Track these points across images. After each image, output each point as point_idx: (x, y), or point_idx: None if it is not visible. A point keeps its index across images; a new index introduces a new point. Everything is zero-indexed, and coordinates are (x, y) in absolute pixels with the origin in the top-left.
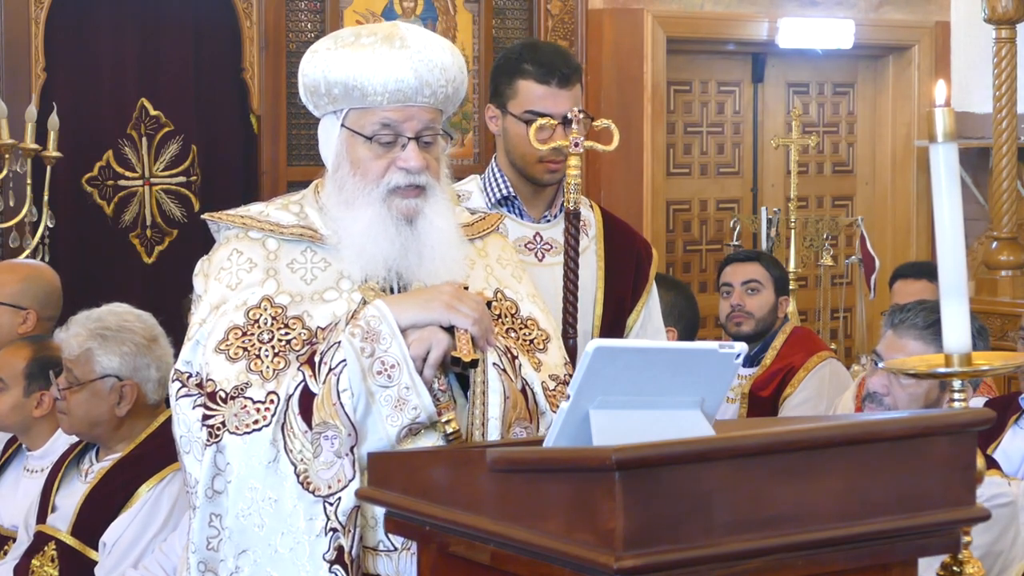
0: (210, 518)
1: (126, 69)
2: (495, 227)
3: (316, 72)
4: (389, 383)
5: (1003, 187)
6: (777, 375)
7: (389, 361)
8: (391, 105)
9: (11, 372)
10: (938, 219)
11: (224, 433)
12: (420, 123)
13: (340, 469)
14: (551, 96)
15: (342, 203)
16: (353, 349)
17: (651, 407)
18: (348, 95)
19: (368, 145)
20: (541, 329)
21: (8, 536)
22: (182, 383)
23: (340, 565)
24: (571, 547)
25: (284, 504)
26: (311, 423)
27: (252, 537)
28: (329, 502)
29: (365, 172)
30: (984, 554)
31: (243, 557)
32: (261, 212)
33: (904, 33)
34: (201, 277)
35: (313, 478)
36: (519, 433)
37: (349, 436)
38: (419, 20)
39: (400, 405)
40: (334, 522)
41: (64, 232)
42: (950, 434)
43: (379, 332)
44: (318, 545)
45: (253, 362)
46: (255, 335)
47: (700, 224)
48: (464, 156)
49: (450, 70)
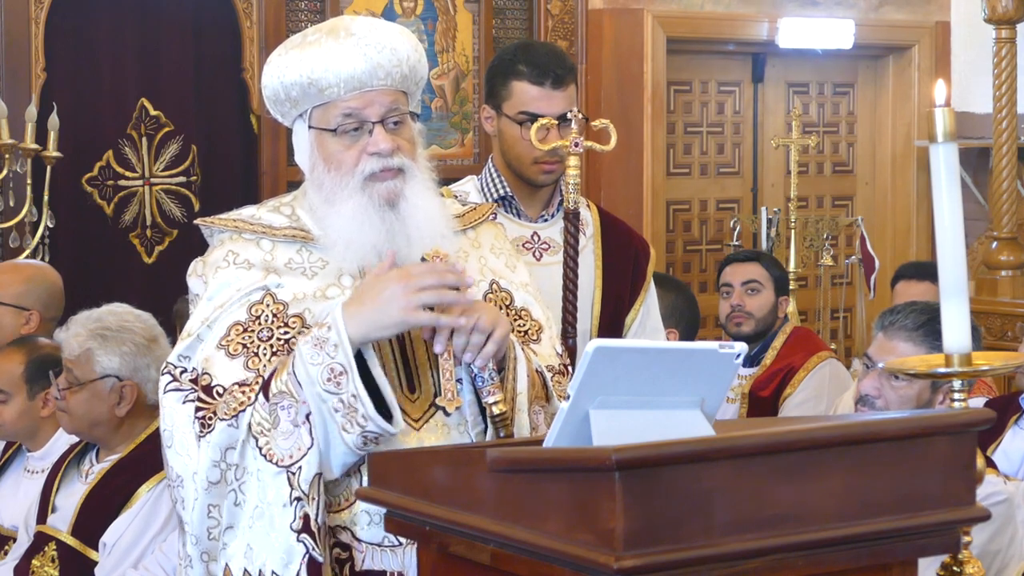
0: (208, 509)
1: (126, 69)
2: (487, 216)
3: (272, 80)
4: (338, 390)
5: (1003, 187)
6: (777, 375)
7: (337, 369)
8: (349, 94)
9: (10, 380)
10: (938, 219)
11: (215, 422)
12: (382, 106)
13: (298, 438)
14: (545, 97)
15: (324, 201)
16: (302, 359)
17: (651, 407)
18: (306, 94)
19: (336, 138)
20: (534, 320)
21: (8, 536)
22: (173, 377)
23: (307, 533)
24: (571, 547)
25: (252, 478)
26: (268, 396)
27: (235, 514)
28: (292, 471)
29: (338, 165)
30: (980, 553)
31: (228, 533)
32: (253, 215)
33: (904, 33)
34: (195, 277)
35: (274, 448)
36: (538, 412)
37: (304, 404)
38: (419, 20)
39: (350, 414)
40: (298, 491)
41: (64, 232)
42: (950, 434)
43: (327, 339)
44: (285, 515)
45: (251, 359)
46: (255, 332)
47: (700, 224)
48: (464, 156)
49: (400, 49)
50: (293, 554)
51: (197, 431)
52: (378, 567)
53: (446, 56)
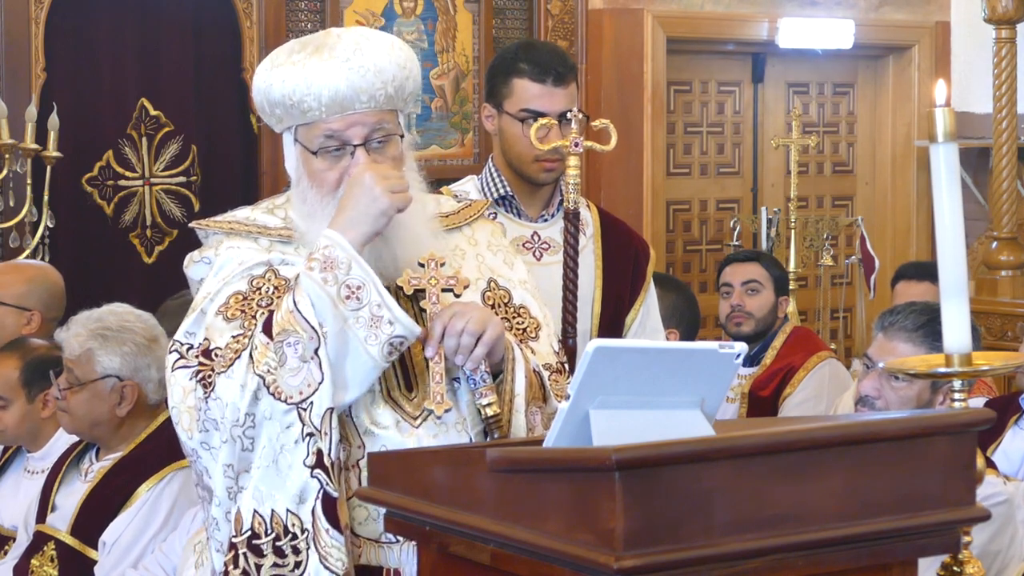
0: (225, 469)
1: (126, 69)
2: (482, 213)
3: (258, 95)
4: (359, 304)
5: (1003, 187)
6: (777, 375)
7: (354, 284)
8: (332, 116)
9: (7, 385)
10: (938, 219)
11: (214, 377)
12: (366, 128)
13: (308, 373)
14: (547, 95)
15: (306, 215)
16: (314, 282)
17: (651, 407)
18: (289, 113)
19: (318, 158)
20: (532, 317)
21: (8, 536)
22: (180, 355)
23: (320, 468)
24: (571, 547)
25: (261, 420)
26: (272, 336)
27: (246, 459)
28: (303, 408)
29: (321, 184)
30: (980, 554)
31: (243, 477)
32: (247, 217)
33: (904, 33)
34: (194, 264)
35: (283, 386)
36: (536, 412)
37: (311, 339)
38: (419, 20)
39: (375, 323)
40: (309, 427)
41: (64, 232)
42: (950, 434)
43: (336, 259)
44: (298, 452)
45: (248, 322)
46: (255, 300)
47: (700, 224)
48: (464, 156)
49: (386, 70)
50: (308, 490)
51: (202, 395)
52: (375, 563)
53: (446, 56)
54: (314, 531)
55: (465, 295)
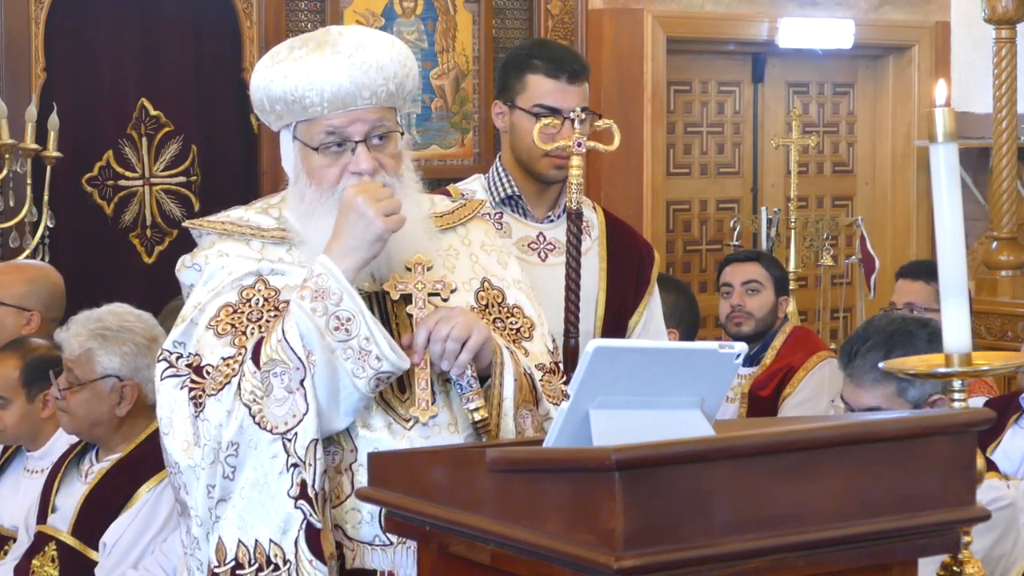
0: (208, 489)
1: (126, 69)
2: (477, 212)
3: (258, 91)
4: (348, 336)
5: (1003, 187)
6: (777, 375)
7: (344, 315)
8: (333, 113)
9: (7, 384)
10: (938, 219)
11: (205, 399)
12: (367, 124)
13: (293, 404)
14: (561, 91)
15: (305, 214)
16: (304, 312)
17: (651, 407)
18: (290, 109)
19: (318, 155)
20: (526, 317)
21: (8, 536)
22: (169, 363)
23: (304, 499)
24: (571, 547)
25: (245, 449)
26: (259, 365)
27: (227, 487)
28: (287, 438)
29: (320, 181)
30: (984, 558)
31: (221, 506)
32: (241, 217)
33: (904, 33)
34: (186, 269)
35: (268, 415)
36: (525, 415)
37: (298, 370)
38: (419, 20)
39: (363, 356)
40: (294, 457)
41: (64, 232)
42: (950, 434)
43: (328, 289)
44: (282, 482)
45: (238, 338)
46: (245, 314)
47: (700, 224)
48: (464, 156)
49: (388, 67)
50: (291, 521)
51: (192, 413)
52: (368, 566)
53: (446, 56)
54: (296, 562)
55: (459, 295)
